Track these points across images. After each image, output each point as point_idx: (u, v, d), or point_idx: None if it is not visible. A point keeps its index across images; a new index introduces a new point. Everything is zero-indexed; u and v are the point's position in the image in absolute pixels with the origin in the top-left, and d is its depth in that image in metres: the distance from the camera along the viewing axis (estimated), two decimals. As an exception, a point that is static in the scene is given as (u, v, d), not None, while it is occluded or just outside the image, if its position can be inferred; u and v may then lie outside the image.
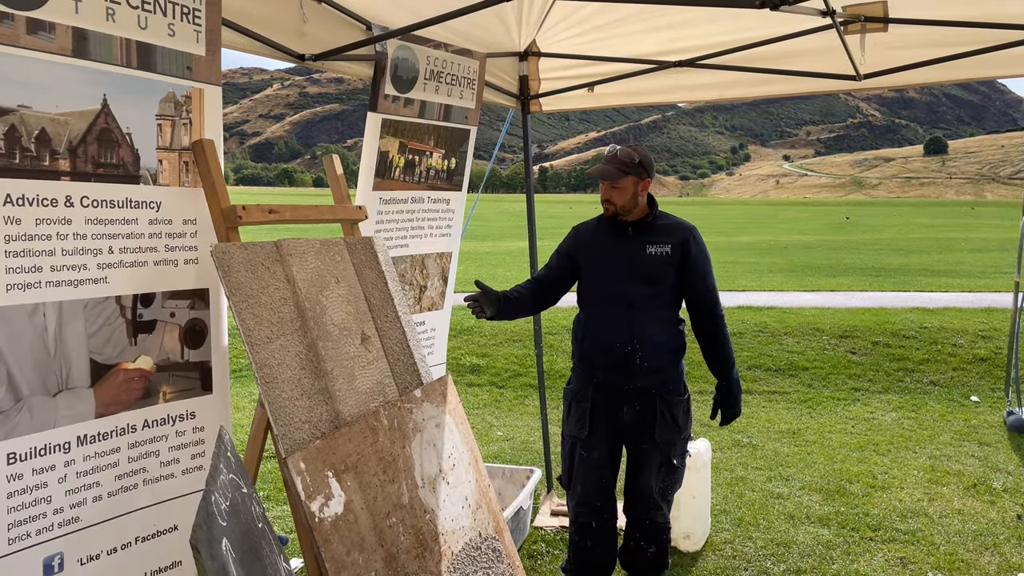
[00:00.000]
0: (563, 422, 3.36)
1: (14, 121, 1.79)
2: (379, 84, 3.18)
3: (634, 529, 3.32)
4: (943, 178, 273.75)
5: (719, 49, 3.96)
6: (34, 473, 1.88)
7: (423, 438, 2.54)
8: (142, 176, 2.12)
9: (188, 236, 2.26)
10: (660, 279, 3.16)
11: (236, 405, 6.82)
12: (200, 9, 2.22)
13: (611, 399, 3.19)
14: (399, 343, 2.67)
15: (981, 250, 23.06)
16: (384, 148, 3.31)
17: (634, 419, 3.19)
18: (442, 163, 3.68)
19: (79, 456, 1.98)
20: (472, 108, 3.74)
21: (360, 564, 2.12)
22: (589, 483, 3.25)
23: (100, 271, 2.01)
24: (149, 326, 2.16)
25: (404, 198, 3.50)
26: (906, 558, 3.95)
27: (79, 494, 1.99)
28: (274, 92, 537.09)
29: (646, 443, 3.20)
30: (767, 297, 12.05)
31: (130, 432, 2.12)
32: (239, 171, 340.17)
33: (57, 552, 1.95)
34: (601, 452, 3.23)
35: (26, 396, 1.84)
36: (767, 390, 7.47)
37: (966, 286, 13.66)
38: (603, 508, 3.27)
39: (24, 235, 1.82)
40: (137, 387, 2.12)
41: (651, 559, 3.30)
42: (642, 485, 3.24)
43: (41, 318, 1.87)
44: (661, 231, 3.20)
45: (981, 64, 3.69)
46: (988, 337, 8.48)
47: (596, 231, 3.29)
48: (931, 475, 5.15)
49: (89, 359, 1.99)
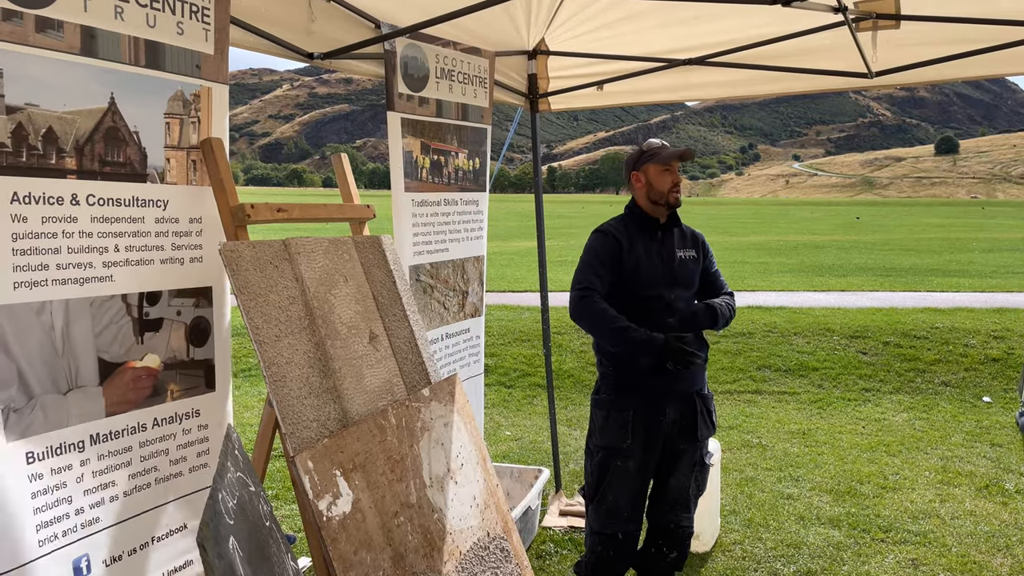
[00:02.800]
0: (593, 434, 3.19)
1: (21, 119, 1.79)
2: (392, 82, 3.16)
3: (657, 535, 3.25)
4: (954, 178, 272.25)
5: (729, 47, 3.94)
6: (52, 473, 1.87)
7: (431, 437, 2.54)
8: (149, 175, 2.12)
9: (194, 235, 2.26)
10: (694, 282, 3.18)
11: (245, 403, 6.84)
12: (209, 7, 2.22)
13: (653, 404, 3.09)
14: (407, 342, 2.66)
15: (993, 250, 22.91)
16: (408, 148, 3.24)
17: (674, 422, 3.12)
18: (468, 163, 3.62)
19: (93, 455, 1.97)
20: (486, 107, 3.72)
21: (368, 563, 2.11)
22: (623, 493, 3.12)
23: (106, 269, 2.00)
24: (156, 324, 2.15)
25: (436, 200, 3.41)
26: (918, 560, 3.92)
27: (97, 494, 1.98)
28: (283, 93, 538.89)
29: (683, 443, 3.14)
30: (777, 297, 12.00)
31: (140, 431, 2.11)
32: (249, 171, 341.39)
33: (84, 554, 1.92)
34: (638, 460, 3.10)
35: (38, 395, 1.84)
36: (777, 390, 7.43)
37: (978, 286, 13.57)
38: (631, 518, 3.16)
39: (31, 233, 1.82)
40: (145, 385, 2.12)
41: (670, 564, 3.28)
42: (674, 486, 3.18)
43: (48, 316, 1.86)
44: (682, 235, 3.21)
45: (994, 61, 3.67)
46: (1000, 337, 8.42)
47: (627, 235, 3.12)
48: (943, 476, 5.11)
49: (97, 357, 1.99)
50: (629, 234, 3.11)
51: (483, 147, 3.76)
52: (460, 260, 3.59)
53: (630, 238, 3.10)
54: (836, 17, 3.34)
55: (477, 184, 3.73)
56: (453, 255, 3.53)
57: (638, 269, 3.06)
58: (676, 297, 3.08)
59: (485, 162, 3.78)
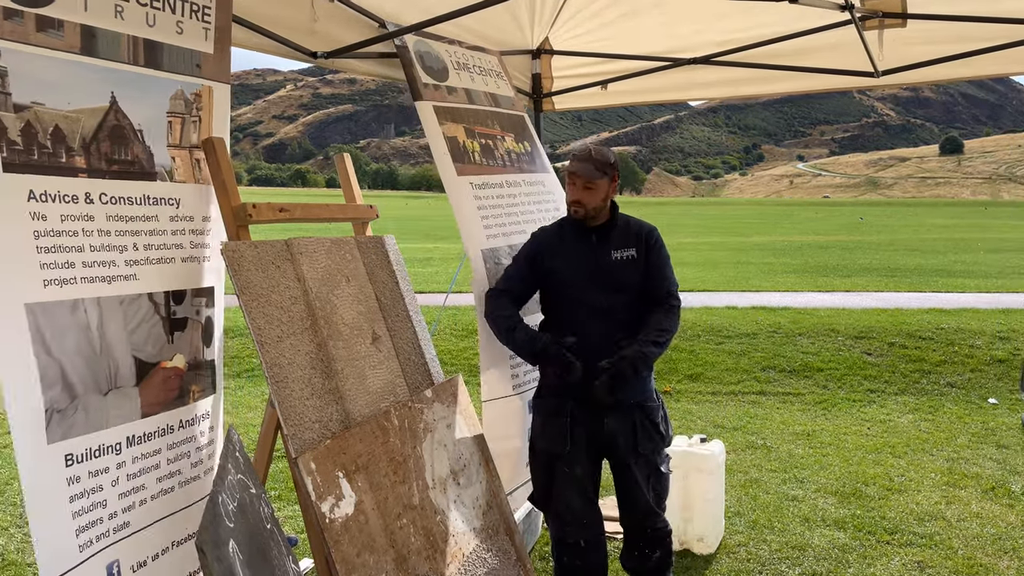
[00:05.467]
0: (533, 435, 3.13)
1: (29, 118, 1.79)
2: (413, 75, 3.08)
3: (636, 538, 3.18)
4: (959, 178, 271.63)
5: (734, 46, 3.92)
6: (90, 476, 1.83)
7: (434, 438, 2.52)
8: (158, 173, 2.11)
9: (207, 234, 2.25)
10: (629, 285, 3.01)
11: (247, 404, 6.83)
12: (210, 7, 2.21)
13: (590, 413, 2.99)
14: (410, 342, 2.65)
15: (998, 250, 22.83)
16: (451, 134, 3.13)
17: (615, 432, 3.01)
18: (518, 146, 3.51)
19: (128, 458, 1.94)
20: (513, 96, 3.67)
21: (371, 565, 2.10)
22: (575, 500, 3.04)
23: (128, 268, 1.98)
24: (182, 323, 2.13)
25: (498, 182, 3.30)
26: (923, 562, 3.89)
27: (129, 497, 1.94)
28: (287, 93, 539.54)
29: (630, 457, 3.03)
30: (781, 298, 11.96)
31: (168, 433, 2.08)
32: (252, 172, 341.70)
33: (115, 559, 1.88)
34: (584, 467, 3.03)
35: (80, 394, 1.80)
36: (781, 391, 7.40)
37: (983, 287, 13.52)
38: (591, 523, 3.09)
39: (52, 231, 1.79)
40: (174, 386, 2.10)
41: (657, 562, 3.24)
42: (636, 499, 3.09)
43: (83, 314, 1.83)
44: (623, 234, 3.04)
45: (1000, 61, 3.65)
46: (1006, 338, 8.38)
47: (559, 236, 3.05)
48: (948, 478, 5.08)
49: (133, 357, 1.96)
50: (562, 235, 3.03)
51: (527, 131, 3.65)
52: None
53: (561, 238, 3.02)
54: (842, 16, 3.32)
55: (536, 166, 3.61)
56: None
57: (556, 272, 2.98)
58: (606, 300, 2.95)
59: (536, 146, 3.68)
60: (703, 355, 8.27)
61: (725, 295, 12.03)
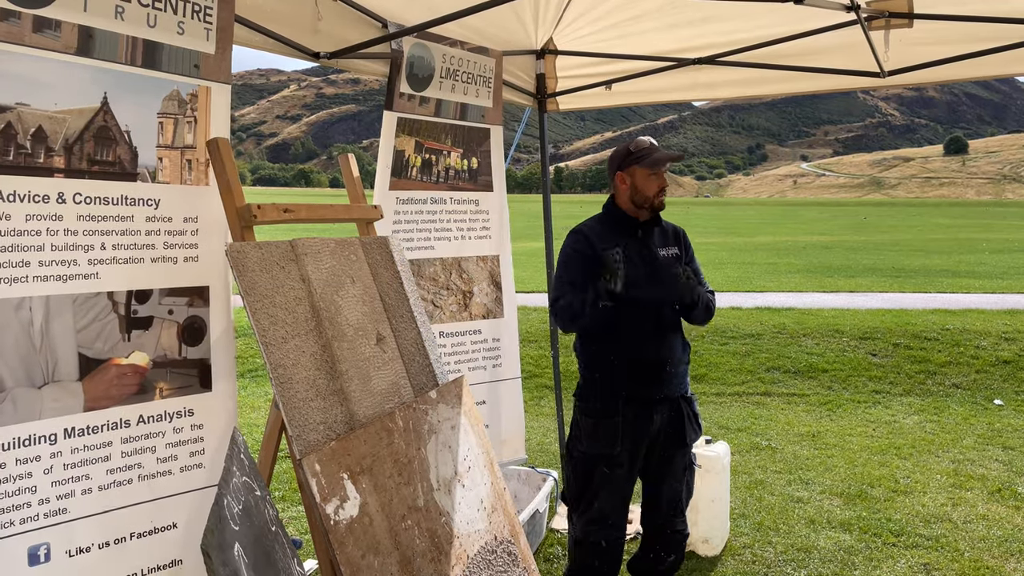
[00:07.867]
0: (579, 440, 3.10)
1: (11, 119, 1.82)
2: (395, 82, 3.17)
3: (655, 540, 3.20)
4: (963, 178, 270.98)
5: (739, 46, 3.90)
6: (18, 463, 1.91)
7: (438, 440, 2.51)
8: (140, 174, 2.14)
9: (189, 234, 2.27)
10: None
11: (252, 405, 6.83)
12: (212, 7, 2.20)
13: (640, 411, 3.02)
14: (414, 343, 2.64)
15: (1003, 251, 22.77)
16: (400, 147, 3.29)
17: (661, 428, 3.06)
18: (461, 163, 3.65)
19: (66, 448, 2.01)
20: (490, 107, 3.71)
21: (375, 567, 2.09)
22: (609, 500, 3.05)
23: (91, 267, 2.03)
24: (145, 322, 2.17)
25: (423, 198, 3.46)
26: (930, 564, 3.87)
27: (66, 486, 2.01)
28: (291, 93, 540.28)
29: (672, 449, 3.09)
30: (785, 298, 11.94)
31: (123, 427, 2.13)
32: (256, 172, 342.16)
33: (43, 542, 1.97)
34: (625, 467, 3.04)
35: (9, 388, 1.88)
36: (786, 392, 7.39)
37: (988, 287, 13.48)
38: (616, 524, 3.10)
39: (13, 231, 1.86)
40: (130, 383, 2.14)
41: (670, 566, 3.24)
42: (666, 492, 3.13)
43: (27, 312, 1.90)
44: (660, 231, 3.10)
45: (1007, 61, 3.63)
46: (1012, 339, 8.35)
47: (603, 235, 3.02)
48: (954, 479, 5.06)
49: (78, 353, 2.02)
50: (604, 234, 3.01)
51: (483, 147, 3.75)
52: (454, 259, 3.60)
53: (606, 238, 2.98)
54: (848, 16, 3.30)
55: (476, 184, 3.72)
56: (440, 253, 3.54)
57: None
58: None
59: (488, 162, 3.77)
60: (707, 356, 8.25)
61: (729, 295, 12.00)
